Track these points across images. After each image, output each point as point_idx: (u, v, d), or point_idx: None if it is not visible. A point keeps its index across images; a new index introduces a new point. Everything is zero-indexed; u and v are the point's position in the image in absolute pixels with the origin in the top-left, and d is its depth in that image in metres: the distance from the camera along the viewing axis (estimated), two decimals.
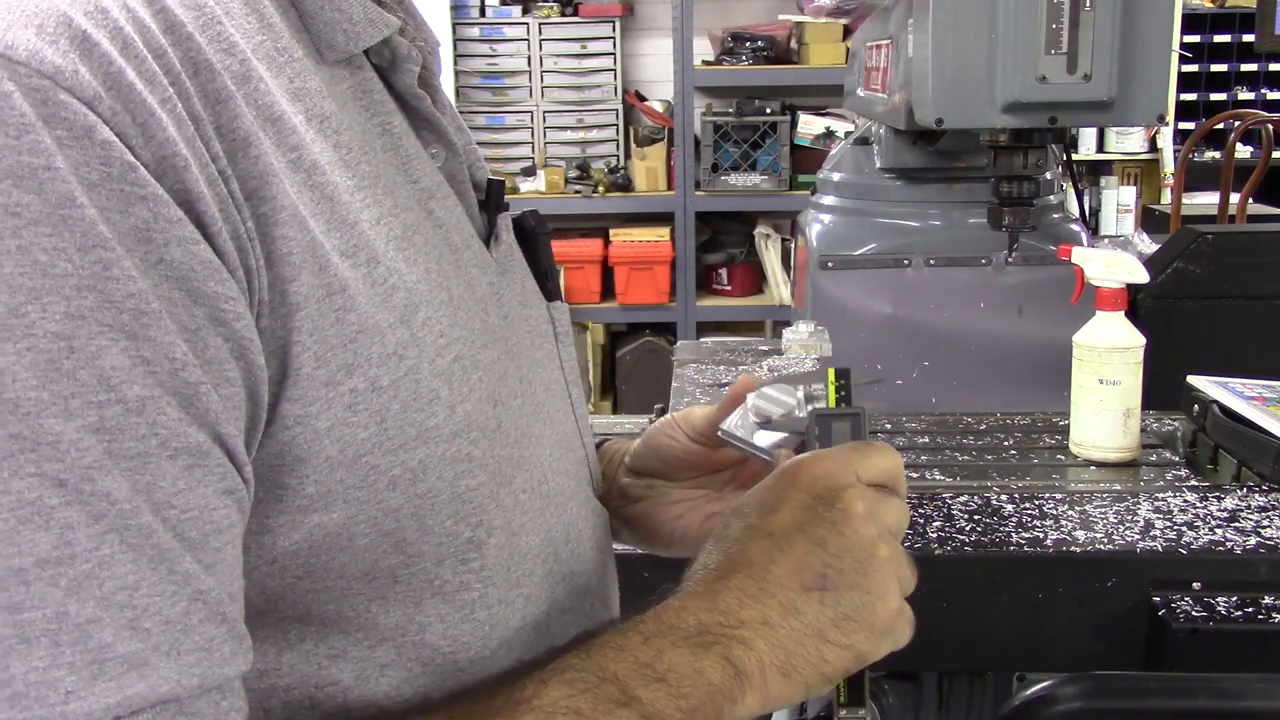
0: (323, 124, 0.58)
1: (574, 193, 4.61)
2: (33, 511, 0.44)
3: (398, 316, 0.58)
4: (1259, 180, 3.30)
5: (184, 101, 0.50)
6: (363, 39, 0.61)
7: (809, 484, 0.66)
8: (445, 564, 0.62)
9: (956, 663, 1.27)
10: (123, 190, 0.47)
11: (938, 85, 1.48)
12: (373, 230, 0.58)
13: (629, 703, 0.59)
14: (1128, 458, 1.46)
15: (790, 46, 4.61)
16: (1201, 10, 4.63)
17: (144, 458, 0.47)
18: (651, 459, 0.88)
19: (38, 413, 0.44)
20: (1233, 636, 1.14)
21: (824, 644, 0.64)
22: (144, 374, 0.47)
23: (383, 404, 0.56)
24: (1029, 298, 1.83)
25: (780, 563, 0.64)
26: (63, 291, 0.45)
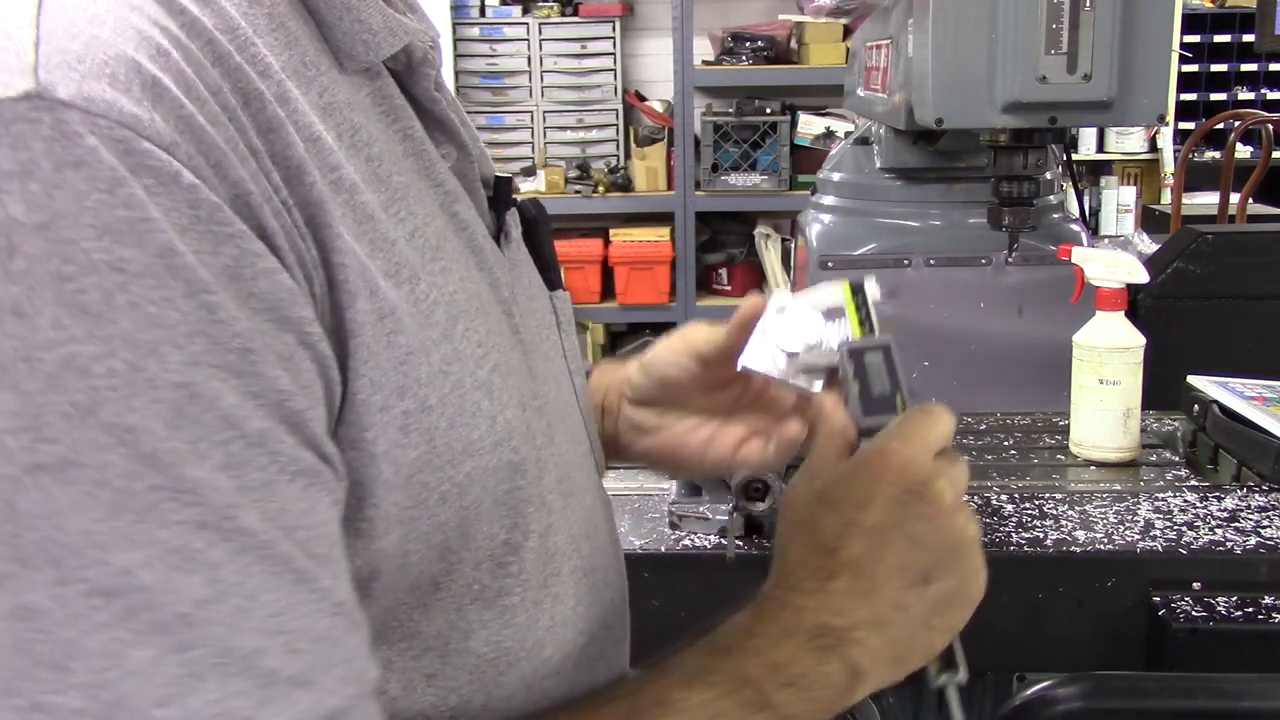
0: (354, 138, 0.58)
1: (574, 193, 4.61)
2: (182, 558, 0.46)
3: (440, 332, 0.58)
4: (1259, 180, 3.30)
5: (243, 136, 0.50)
6: (383, 48, 0.61)
7: (897, 478, 0.67)
8: (483, 567, 0.62)
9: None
10: (211, 231, 0.47)
11: (938, 85, 1.48)
12: (409, 246, 0.58)
13: (766, 706, 0.63)
14: (1128, 458, 1.46)
15: (790, 46, 4.61)
16: (1201, 10, 4.63)
17: (269, 486, 0.48)
18: (658, 390, 0.88)
19: (174, 462, 0.46)
20: (1233, 636, 1.14)
21: (929, 630, 0.68)
22: (257, 408, 0.48)
23: (431, 423, 0.57)
24: (1029, 298, 1.83)
25: (884, 562, 0.66)
26: (176, 341, 0.46)
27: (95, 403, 0.44)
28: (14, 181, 0.45)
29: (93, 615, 0.44)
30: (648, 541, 1.25)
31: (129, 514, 0.45)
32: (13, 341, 0.44)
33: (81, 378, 0.44)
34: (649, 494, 1.39)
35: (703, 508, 1.27)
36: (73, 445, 0.44)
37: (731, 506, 1.20)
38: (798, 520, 0.69)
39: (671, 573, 1.23)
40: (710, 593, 1.21)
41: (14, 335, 0.44)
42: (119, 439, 0.45)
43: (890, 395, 0.74)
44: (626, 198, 4.64)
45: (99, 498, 0.44)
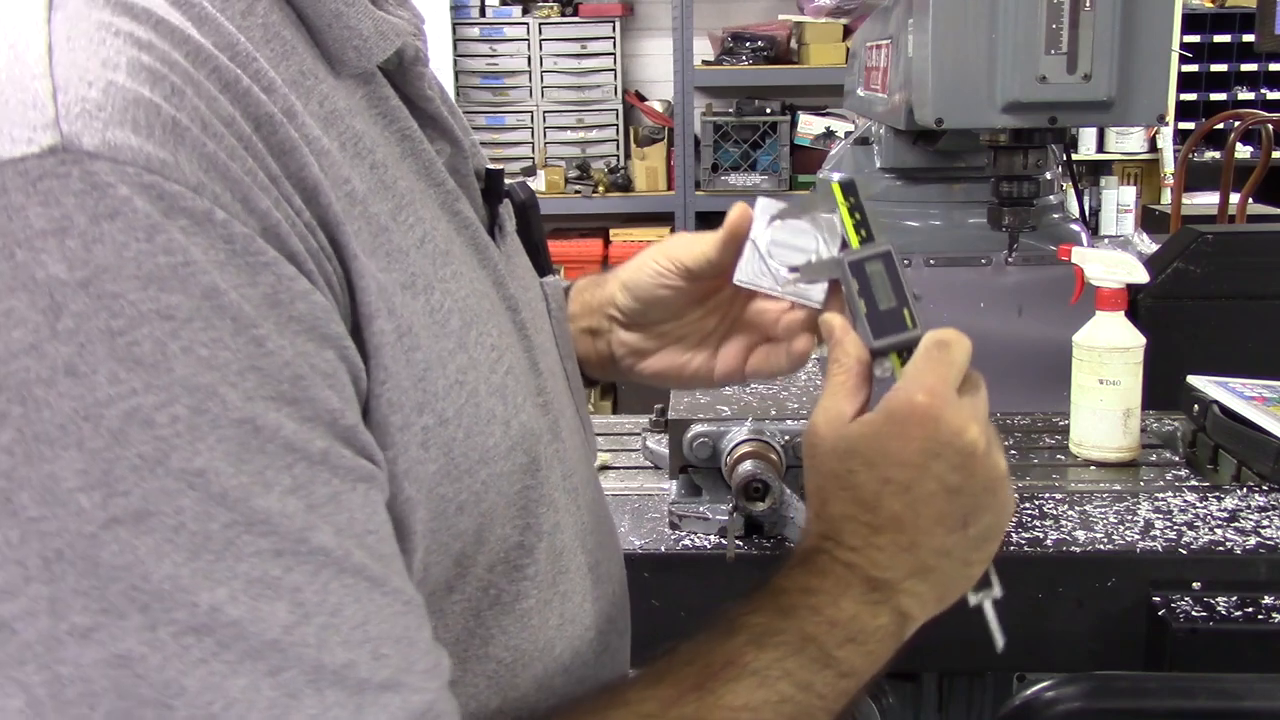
0: (357, 146, 0.57)
1: (574, 193, 4.61)
2: (263, 588, 0.47)
3: (455, 341, 0.58)
4: (1259, 180, 3.30)
5: (261, 164, 0.50)
6: (375, 54, 0.60)
7: (931, 432, 0.68)
8: (497, 569, 0.62)
9: (956, 663, 1.27)
10: (248, 263, 0.47)
11: (938, 85, 1.47)
12: (420, 254, 0.58)
13: (830, 663, 0.67)
14: (1128, 458, 1.46)
15: (790, 46, 4.61)
16: (1201, 10, 4.63)
17: (336, 499, 0.49)
18: (650, 311, 0.88)
19: (244, 497, 0.46)
20: (1233, 636, 1.14)
21: (969, 566, 0.72)
22: (314, 429, 0.49)
23: (449, 435, 0.57)
24: (1029, 298, 1.83)
25: (924, 515, 0.69)
26: (230, 380, 0.46)
27: (163, 451, 0.45)
28: (50, 239, 0.44)
29: (187, 653, 0.45)
30: (648, 541, 1.25)
31: (208, 553, 0.45)
32: (71, 401, 0.44)
33: (146, 429, 0.44)
34: (649, 494, 1.39)
35: (703, 508, 1.27)
36: (145, 495, 0.45)
37: (731, 506, 1.20)
38: (832, 473, 0.70)
39: (671, 573, 1.22)
40: (710, 593, 1.21)
41: (71, 395, 0.44)
42: (189, 483, 0.45)
43: (898, 309, 0.74)
44: (626, 198, 4.64)
45: (177, 542, 0.45)
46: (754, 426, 1.23)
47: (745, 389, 1.40)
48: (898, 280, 0.74)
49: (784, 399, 1.35)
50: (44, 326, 0.44)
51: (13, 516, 0.44)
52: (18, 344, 0.44)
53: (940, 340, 0.72)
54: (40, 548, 0.44)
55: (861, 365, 0.73)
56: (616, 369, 0.92)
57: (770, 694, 0.64)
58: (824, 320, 0.76)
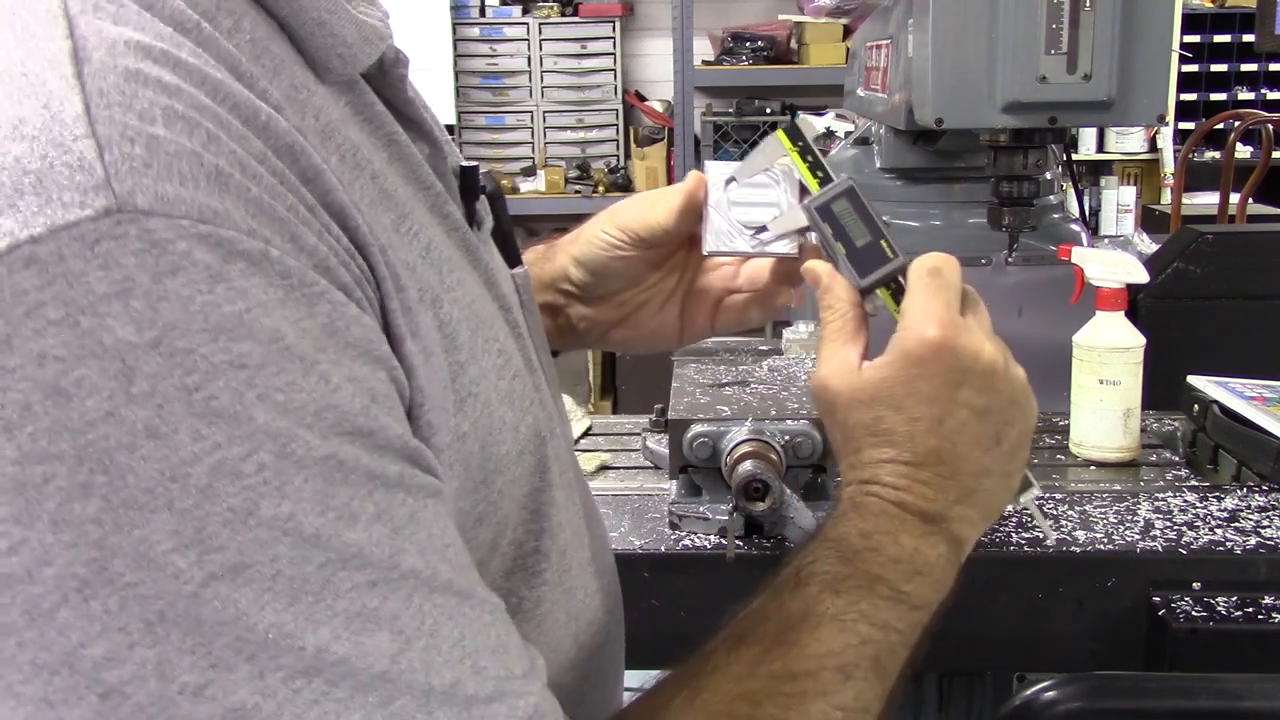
0: (355, 158, 0.56)
1: (574, 193, 4.61)
2: (364, 621, 0.47)
3: (467, 353, 0.58)
4: (1259, 180, 3.30)
5: (298, 197, 0.49)
6: (360, 60, 0.59)
7: (949, 365, 0.70)
8: (516, 577, 0.62)
9: (956, 663, 1.27)
10: (304, 295, 0.47)
11: (938, 85, 1.47)
12: (424, 264, 0.57)
13: (901, 598, 0.69)
14: (1128, 458, 1.46)
15: (790, 46, 4.61)
16: (1201, 10, 4.63)
17: (415, 518, 0.50)
18: (605, 282, 0.88)
19: (334, 534, 0.46)
20: (1233, 636, 1.14)
21: (1009, 477, 0.74)
22: (385, 455, 0.49)
23: (467, 450, 0.57)
24: (1029, 298, 1.83)
25: (960, 442, 0.71)
26: (306, 420, 0.46)
27: (252, 502, 0.45)
28: (115, 303, 0.43)
29: (299, 696, 0.45)
30: (648, 541, 1.25)
31: (307, 595, 0.46)
32: (156, 464, 0.43)
33: (234, 481, 0.44)
34: (649, 494, 1.39)
35: (703, 508, 1.27)
36: (240, 548, 0.44)
37: (731, 506, 1.20)
38: (859, 424, 0.71)
39: (671, 573, 1.22)
40: (710, 593, 1.21)
41: (155, 458, 0.43)
42: (282, 529, 0.45)
43: (875, 243, 0.75)
44: (626, 198, 4.64)
45: (276, 589, 0.45)
46: (754, 426, 1.23)
47: (745, 389, 1.40)
48: (867, 213, 0.75)
49: (784, 399, 1.35)
50: (119, 392, 0.43)
51: (109, 584, 0.43)
52: (94, 412, 0.43)
53: (932, 267, 0.73)
54: (141, 612, 0.43)
55: (855, 308, 0.74)
56: (580, 341, 0.92)
57: (851, 637, 0.66)
58: (808, 269, 0.77)
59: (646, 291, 0.89)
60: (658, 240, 0.84)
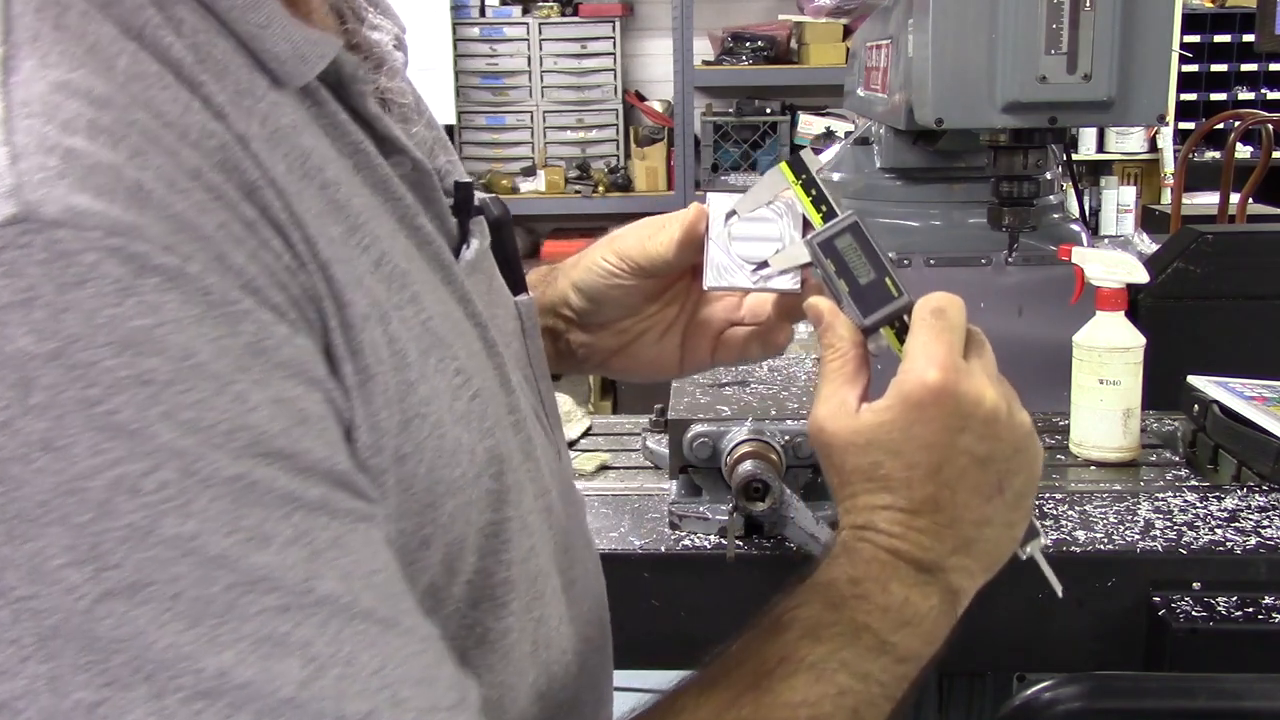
0: (305, 166, 0.55)
1: (574, 193, 4.61)
2: (271, 645, 0.45)
3: (416, 372, 0.56)
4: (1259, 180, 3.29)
5: (234, 212, 0.48)
6: (293, 78, 0.56)
7: (950, 408, 0.67)
8: (482, 606, 0.61)
9: (956, 663, 1.27)
10: (225, 314, 0.46)
11: (938, 85, 1.47)
12: (375, 277, 0.56)
13: (885, 649, 0.66)
14: (1128, 458, 1.46)
15: (790, 46, 4.61)
16: (1201, 10, 4.63)
17: (339, 543, 0.48)
18: (604, 310, 0.86)
19: (242, 556, 0.45)
20: (1233, 636, 1.14)
21: (1012, 527, 0.72)
22: (308, 478, 0.48)
23: (408, 472, 0.55)
24: (1029, 298, 1.83)
25: (959, 490, 0.68)
26: (215, 440, 0.45)
27: (153, 519, 0.44)
28: (15, 312, 0.43)
29: (199, 718, 0.44)
30: (648, 541, 1.25)
31: (211, 617, 0.45)
32: (51, 477, 0.43)
33: (133, 497, 0.43)
34: (649, 494, 1.39)
35: (703, 508, 1.27)
36: (138, 566, 0.43)
37: (731, 506, 1.20)
38: (856, 469, 0.69)
39: (671, 573, 1.22)
40: (710, 593, 1.21)
41: (50, 470, 0.43)
42: (184, 550, 0.44)
43: (879, 280, 0.72)
44: (626, 198, 4.64)
45: (176, 609, 0.44)
46: (754, 426, 1.23)
47: (745, 389, 1.40)
48: (871, 249, 0.73)
49: (784, 399, 1.35)
50: (15, 403, 0.42)
51: (1, 597, 0.43)
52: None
53: (935, 308, 0.70)
54: (34, 626, 0.43)
55: (856, 347, 0.72)
56: (579, 366, 0.91)
57: (829, 687, 0.64)
58: (809, 306, 0.75)
59: (646, 320, 0.87)
60: (657, 270, 0.83)
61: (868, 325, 0.72)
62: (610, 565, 0.81)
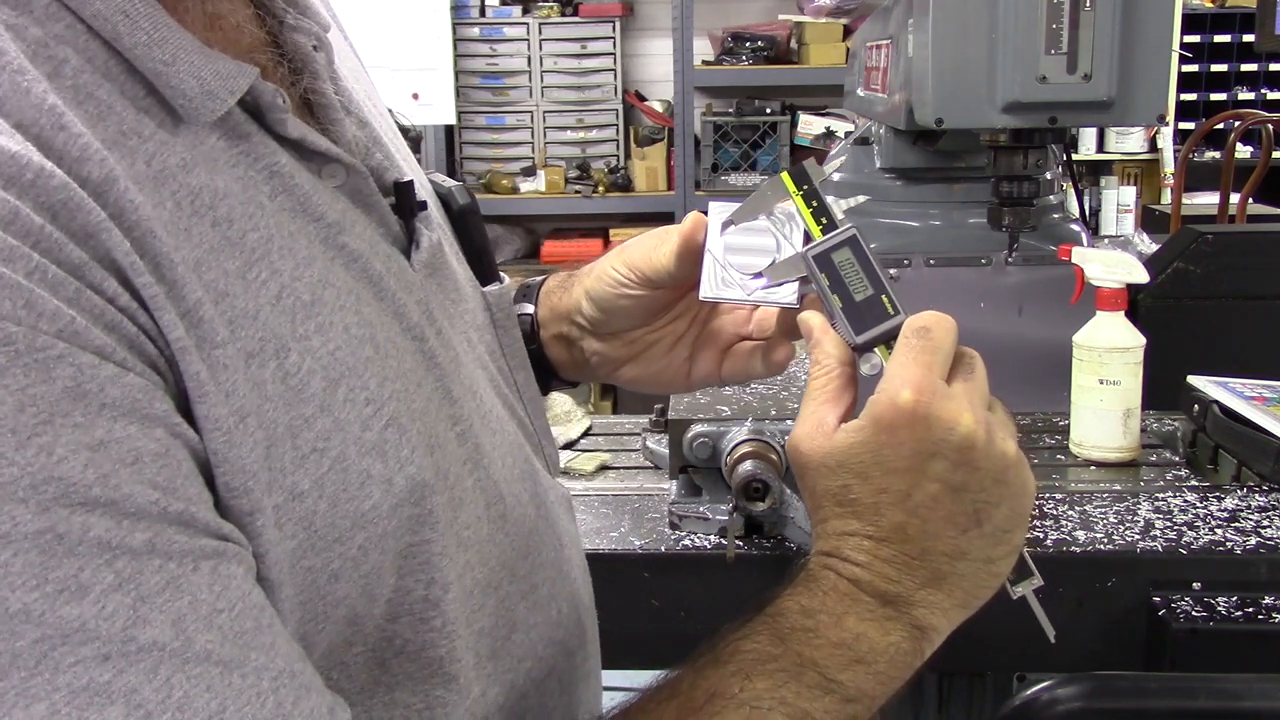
0: (194, 203, 0.53)
1: (574, 193, 4.60)
2: (90, 695, 0.44)
3: (316, 405, 0.55)
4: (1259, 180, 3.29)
5: (56, 255, 0.47)
6: (202, 114, 0.55)
7: (924, 431, 0.64)
8: (401, 621, 0.60)
9: (956, 663, 1.27)
10: (37, 360, 0.45)
11: (938, 85, 1.47)
12: (274, 311, 0.54)
13: (831, 688, 0.62)
14: (1128, 458, 1.46)
15: (790, 46, 4.61)
16: (1201, 10, 4.63)
17: (174, 584, 0.47)
18: (614, 320, 0.85)
19: (50, 608, 0.44)
20: (1233, 636, 1.14)
21: (992, 563, 0.67)
22: (134, 523, 0.46)
23: (307, 508, 0.54)
24: (1029, 298, 1.83)
25: (930, 520, 0.64)
26: (18, 495, 0.44)
27: None
28: None
29: None
30: (648, 541, 1.25)
31: (19, 672, 0.43)
32: None
33: None
34: (649, 494, 1.39)
35: (703, 508, 1.27)
36: None
37: (731, 506, 1.20)
38: (826, 491, 0.66)
39: (671, 573, 1.22)
40: (710, 593, 1.21)
41: None
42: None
43: (875, 297, 0.69)
44: (626, 198, 4.64)
45: None
46: (754, 426, 1.23)
47: (745, 389, 1.40)
48: (869, 265, 0.70)
49: (784, 399, 1.35)
50: None
51: None
52: None
53: (919, 327, 0.67)
54: None
55: (843, 367, 0.69)
56: (593, 374, 0.89)
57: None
58: (802, 320, 0.72)
59: (656, 332, 0.85)
60: (661, 281, 0.81)
61: (859, 344, 0.69)
62: (610, 565, 0.81)
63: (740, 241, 0.76)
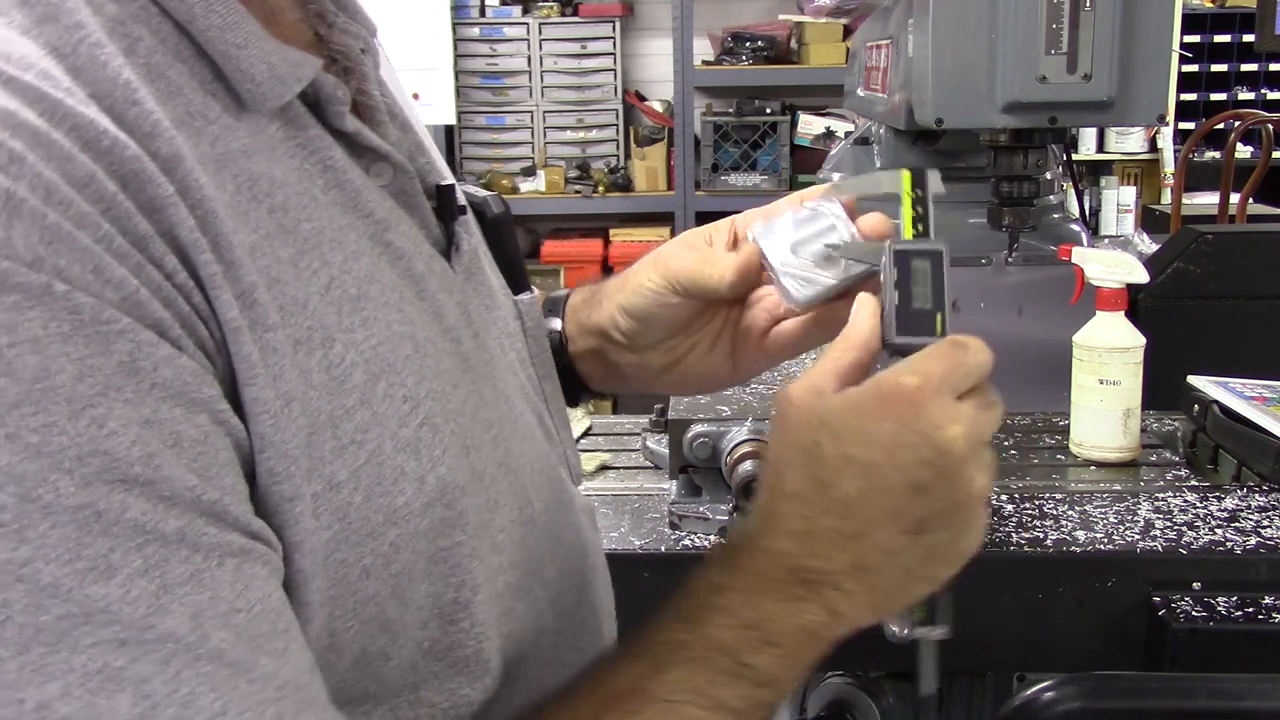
0: (253, 189, 0.54)
1: (574, 193, 4.61)
2: (103, 680, 0.44)
3: (357, 398, 0.55)
4: (1259, 180, 3.29)
5: (122, 225, 0.47)
6: (269, 99, 0.56)
7: (912, 418, 0.62)
8: (431, 625, 0.60)
9: (956, 663, 1.27)
10: (98, 331, 0.45)
11: (938, 85, 1.47)
12: (323, 301, 0.55)
13: (742, 672, 0.61)
14: (1128, 458, 1.46)
15: (790, 46, 4.61)
16: (1201, 10, 4.63)
17: (197, 577, 0.47)
18: (656, 330, 0.84)
19: (79, 585, 0.44)
20: (1233, 636, 1.14)
21: (912, 579, 0.65)
22: (169, 508, 0.46)
23: (343, 499, 0.54)
24: (1029, 298, 1.83)
25: (879, 505, 0.63)
26: (64, 466, 0.44)
27: None
28: None
29: None
30: (648, 541, 1.25)
31: (40, 646, 0.43)
32: None
33: None
34: (649, 494, 1.39)
35: (703, 508, 1.27)
36: None
37: (731, 506, 1.20)
38: (798, 444, 0.65)
39: (671, 573, 1.22)
40: None
41: None
42: (15, 575, 0.43)
43: (931, 313, 0.68)
44: (626, 198, 4.64)
45: (3, 636, 0.43)
46: (754, 426, 1.23)
47: (745, 389, 1.40)
48: (940, 284, 0.69)
49: None
50: None
51: None
52: None
53: (958, 340, 0.66)
54: None
55: (865, 352, 0.68)
56: (628, 386, 0.89)
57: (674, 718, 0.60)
58: (860, 297, 0.71)
59: (694, 336, 0.85)
60: (706, 297, 0.81)
61: (893, 343, 0.68)
62: (610, 565, 0.81)
63: (802, 233, 0.77)
